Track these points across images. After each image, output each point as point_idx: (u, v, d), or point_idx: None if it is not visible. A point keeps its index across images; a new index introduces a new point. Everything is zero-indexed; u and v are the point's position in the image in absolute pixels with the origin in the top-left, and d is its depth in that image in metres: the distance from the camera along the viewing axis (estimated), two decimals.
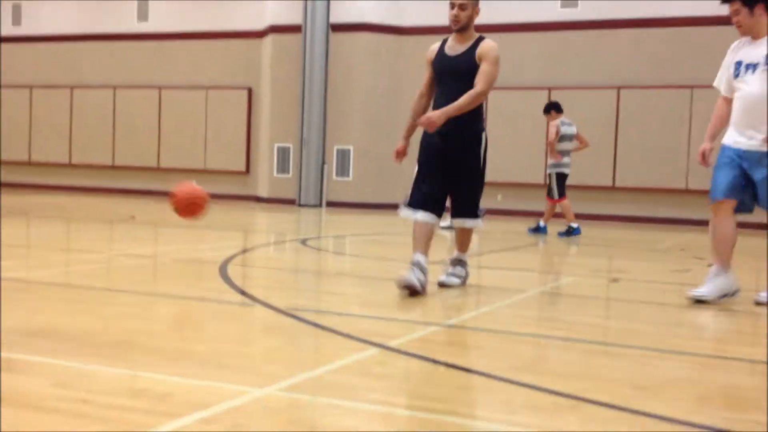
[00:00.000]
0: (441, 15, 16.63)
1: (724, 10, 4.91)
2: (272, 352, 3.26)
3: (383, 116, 16.78)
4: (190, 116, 18.65)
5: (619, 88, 15.45)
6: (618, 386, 2.81)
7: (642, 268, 7.13)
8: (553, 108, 11.15)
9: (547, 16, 16.01)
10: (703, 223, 14.77)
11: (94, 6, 19.77)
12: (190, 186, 5.58)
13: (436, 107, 4.96)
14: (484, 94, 4.91)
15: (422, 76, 5.19)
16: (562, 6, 15.99)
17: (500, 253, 8.31)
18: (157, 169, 19.15)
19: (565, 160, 10.80)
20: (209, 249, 7.62)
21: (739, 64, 4.89)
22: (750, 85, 4.81)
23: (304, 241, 8.40)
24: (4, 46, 20.86)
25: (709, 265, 4.95)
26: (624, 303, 5.14)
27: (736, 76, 4.88)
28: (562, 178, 10.78)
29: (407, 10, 16.89)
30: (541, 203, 16.13)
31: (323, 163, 17.02)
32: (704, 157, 4.85)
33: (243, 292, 4.73)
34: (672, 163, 14.84)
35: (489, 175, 6.52)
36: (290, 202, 17.06)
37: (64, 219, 10.88)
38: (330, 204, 16.87)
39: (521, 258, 8.02)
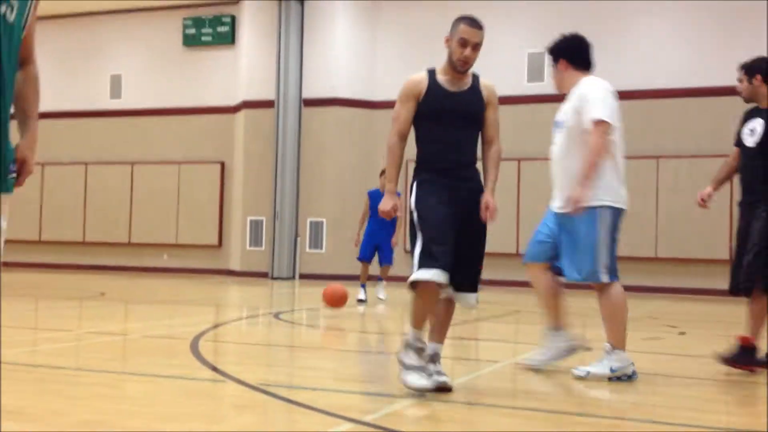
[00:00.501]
0: None
1: (690, 81, 4.97)
2: (245, 429, 3.20)
3: (356, 188, 16.89)
4: (163, 191, 18.64)
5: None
6: None
7: None
8: None
9: (515, 90, 16.38)
10: (673, 290, 14.93)
11: (67, 83, 19.90)
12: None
13: (432, 152, 4.14)
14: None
15: (397, 113, 4.17)
16: (529, 81, 16.39)
17: (472, 323, 8.30)
18: (128, 245, 19.01)
19: None
20: (180, 325, 7.53)
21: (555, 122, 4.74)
22: (554, 145, 4.71)
23: (276, 315, 8.33)
24: None
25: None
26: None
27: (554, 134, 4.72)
28: None
29: (378, 84, 17.19)
30: (516, 272, 16.21)
31: (296, 235, 17.02)
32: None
33: (214, 369, 4.66)
34: (640, 230, 15.03)
35: None
36: (263, 275, 16.96)
37: (33, 297, 10.71)
38: (303, 276, 16.80)
39: (494, 328, 8.00)
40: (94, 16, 19.83)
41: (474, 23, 4.03)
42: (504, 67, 16.51)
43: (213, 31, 18.69)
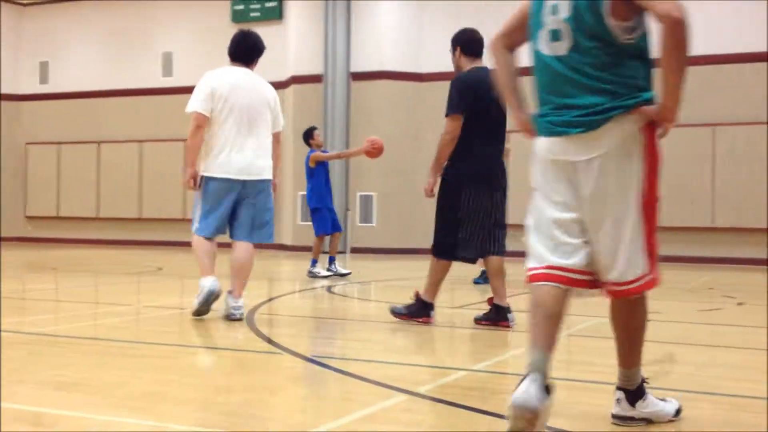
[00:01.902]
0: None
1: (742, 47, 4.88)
2: (300, 400, 3.25)
3: (405, 162, 16.88)
4: None
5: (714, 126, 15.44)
6: (654, 429, 2.77)
7: (673, 308, 7.04)
8: None
9: None
10: (729, 261, 14.62)
11: (119, 62, 20.20)
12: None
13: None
14: None
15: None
16: None
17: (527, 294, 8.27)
18: (183, 220, 19.32)
19: None
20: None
21: None
22: None
23: (329, 288, 8.40)
24: (32, 104, 21.33)
25: None
26: (657, 345, 5.07)
27: None
28: None
29: (425, 56, 17.08)
30: None
31: (347, 209, 17.10)
32: None
33: (270, 341, 4.73)
34: (697, 201, 14.73)
35: (513, 217, 6.51)
36: (310, 249, 17.09)
37: (92, 272, 10.98)
38: (354, 250, 16.89)
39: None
40: None
41: None
42: None
43: (261, 6, 18.74)
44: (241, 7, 18.91)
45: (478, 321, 5.49)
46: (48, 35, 21.20)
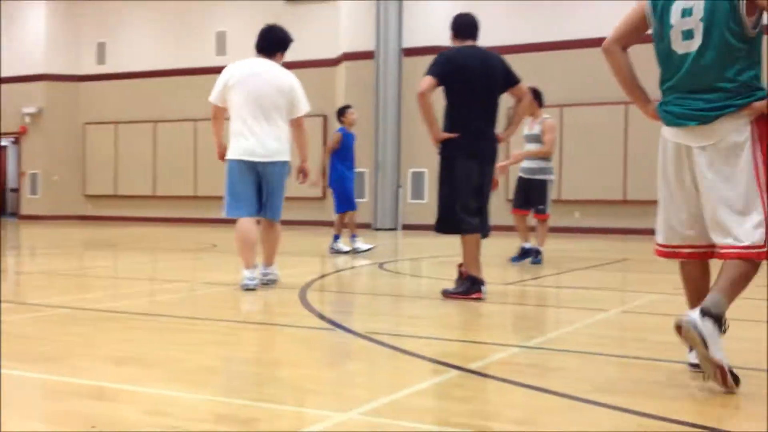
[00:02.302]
0: (512, 33, 16.63)
1: None
2: (353, 376, 3.29)
3: None
4: None
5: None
6: (706, 406, 2.73)
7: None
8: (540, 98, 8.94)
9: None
10: None
11: (174, 42, 20.45)
12: None
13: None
14: None
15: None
16: None
17: (579, 271, 8.19)
18: None
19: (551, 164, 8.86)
20: (288, 275, 7.73)
21: None
22: None
23: (381, 265, 8.44)
24: (90, 84, 21.75)
25: None
26: None
27: None
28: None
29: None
30: (619, 219, 15.84)
31: (398, 186, 17.10)
32: None
33: (322, 317, 4.78)
34: None
35: (566, 193, 6.39)
36: (366, 226, 17.18)
37: (149, 249, 11.21)
38: (406, 227, 16.91)
39: (601, 277, 7.87)
40: None
41: None
42: (608, 7, 15.94)
43: None
44: None
45: (448, 294, 5.59)
46: (105, 17, 21.56)
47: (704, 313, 2.95)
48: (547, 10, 16.42)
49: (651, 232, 13.22)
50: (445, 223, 5.66)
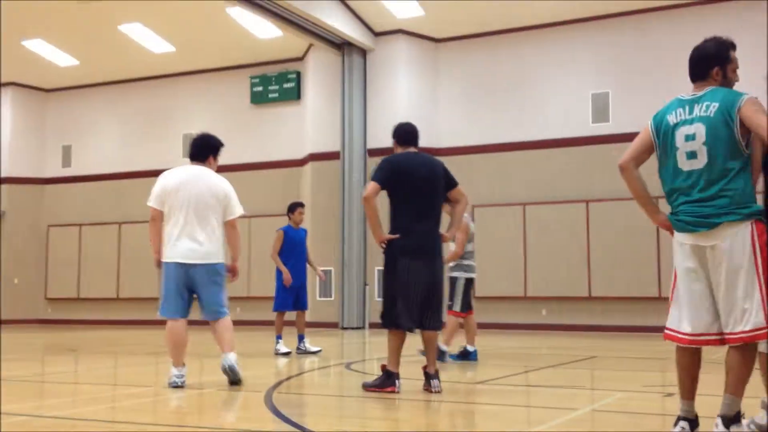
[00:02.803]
0: (475, 136, 17.01)
1: None
2: None
3: None
4: None
5: (657, 198, 15.44)
6: None
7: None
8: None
9: (581, 132, 16.27)
10: None
11: (140, 144, 20.61)
12: None
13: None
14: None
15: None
16: (593, 121, 16.25)
17: (548, 369, 8.15)
18: None
19: (472, 262, 8.87)
20: (254, 377, 7.60)
21: None
22: None
23: (348, 365, 8.33)
24: (54, 186, 21.70)
25: None
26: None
27: None
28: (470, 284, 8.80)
29: (441, 132, 17.30)
30: (585, 316, 15.90)
31: (365, 284, 17.07)
32: None
33: (288, 421, 4.68)
34: None
35: (532, 290, 6.42)
36: (333, 325, 17.03)
37: (112, 353, 10.97)
38: (373, 325, 16.80)
39: (570, 374, 7.84)
40: (165, 78, 20.56)
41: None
42: (569, 109, 16.47)
43: (279, 87, 19.16)
44: (260, 89, 19.34)
45: (366, 388, 5.96)
46: (71, 120, 21.73)
47: (727, 421, 3.58)
48: (512, 112, 16.90)
49: (616, 328, 13.30)
50: (386, 319, 6.00)
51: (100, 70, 20.52)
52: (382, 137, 17.15)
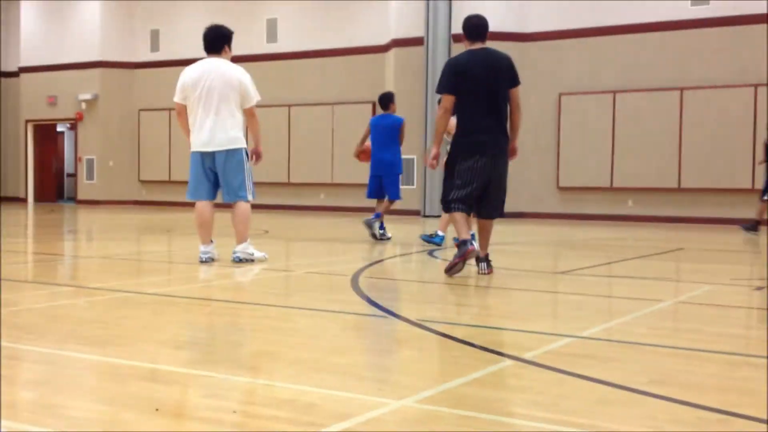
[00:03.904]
0: (565, 19, 16.42)
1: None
2: (408, 364, 3.31)
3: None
4: (319, 132, 19.15)
5: (756, 86, 14.73)
6: (765, 399, 2.69)
7: None
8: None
9: (678, 15, 15.49)
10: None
11: None
12: None
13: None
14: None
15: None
16: (692, 4, 15.42)
17: (633, 261, 8.09)
18: (288, 184, 19.74)
19: None
20: (340, 262, 7.80)
21: None
22: None
23: (431, 253, 8.45)
24: (144, 71, 22.10)
25: None
26: (766, 312, 4.90)
27: None
28: None
29: (530, 16, 16.73)
30: (673, 208, 15.58)
31: None
32: None
33: (375, 304, 4.82)
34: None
35: (618, 181, 6.32)
36: (415, 213, 17.18)
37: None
38: None
39: (655, 266, 7.76)
40: None
41: None
42: None
43: None
44: None
45: (449, 269, 6.12)
46: (158, 5, 21.85)
47: None
48: None
49: (706, 220, 13.12)
50: (444, 205, 6.38)
51: None
52: None
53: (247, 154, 6.95)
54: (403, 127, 10.02)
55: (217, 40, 6.99)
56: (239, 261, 6.91)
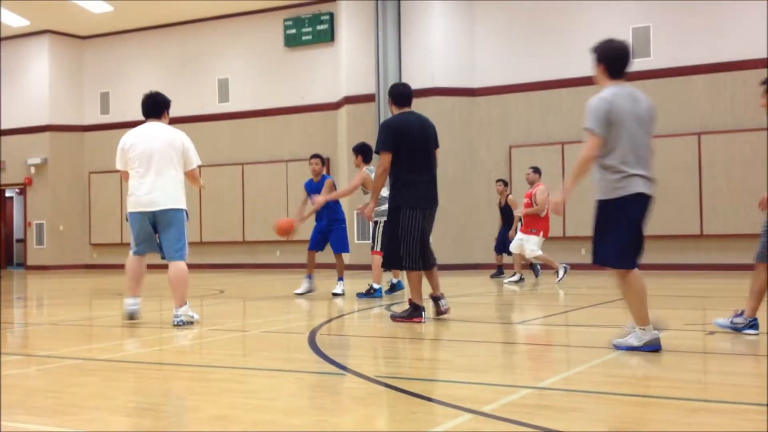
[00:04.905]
0: (512, 74, 16.79)
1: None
2: (366, 421, 3.27)
3: (459, 176, 16.87)
4: (272, 189, 19.13)
5: (699, 134, 15.16)
6: None
7: None
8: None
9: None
10: None
11: (176, 90, 20.63)
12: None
13: None
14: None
15: None
16: (634, 57, 15.91)
17: (587, 309, 8.17)
18: (243, 242, 19.61)
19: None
20: (297, 319, 7.73)
21: None
22: None
23: (389, 307, 8.42)
24: (94, 134, 21.94)
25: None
26: (722, 356, 4.97)
27: None
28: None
29: (477, 71, 17.07)
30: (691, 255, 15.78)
31: None
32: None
33: (332, 362, 4.77)
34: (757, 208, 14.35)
35: (570, 229, 6.42)
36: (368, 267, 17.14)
37: (156, 297, 11.19)
38: None
39: (609, 313, 7.84)
40: (199, 22, 20.49)
41: None
42: None
43: (313, 29, 19.00)
44: (293, 31, 19.20)
45: (395, 318, 6.81)
46: (108, 67, 21.82)
47: None
48: (549, 48, 16.58)
49: (660, 266, 13.07)
50: (390, 260, 6.86)
51: (135, 15, 20.50)
52: (418, 78, 16.99)
53: (186, 215, 6.98)
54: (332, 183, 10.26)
55: (156, 106, 7.16)
56: (182, 324, 6.79)
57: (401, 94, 7.02)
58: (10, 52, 22.02)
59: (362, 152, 9.84)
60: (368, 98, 17.38)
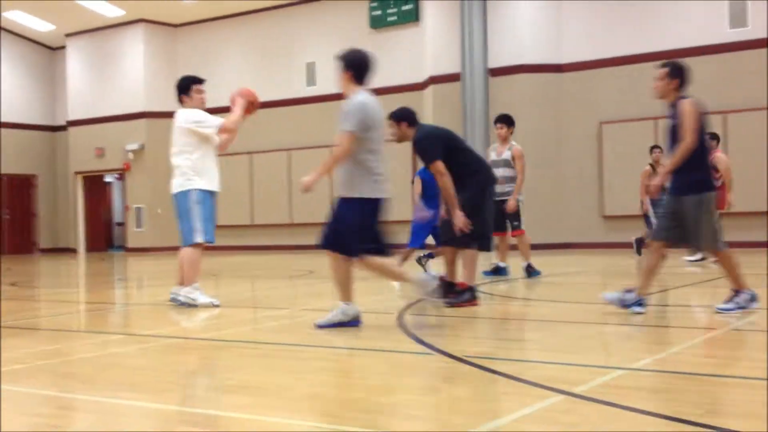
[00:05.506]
0: (600, 49, 16.38)
1: None
2: (456, 401, 3.30)
3: (547, 155, 16.61)
4: None
5: None
6: None
7: None
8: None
9: (717, 38, 15.35)
10: None
11: (266, 75, 21.03)
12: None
13: None
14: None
15: None
16: (731, 27, 15.28)
17: (686, 288, 7.95)
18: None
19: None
20: (386, 300, 7.80)
21: None
22: None
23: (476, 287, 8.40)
24: None
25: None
26: None
27: None
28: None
29: (564, 47, 16.73)
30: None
31: None
32: None
33: (421, 342, 4.80)
34: None
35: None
36: None
37: (249, 277, 11.49)
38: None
39: (709, 293, 7.62)
40: (286, 8, 20.75)
41: None
42: (703, 15, 15.53)
43: (398, 10, 18.98)
44: (378, 12, 19.23)
45: (449, 304, 6.45)
46: (200, 54, 22.36)
47: None
48: (639, 22, 16.10)
49: (751, 244, 12.68)
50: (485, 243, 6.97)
51: (224, 3, 20.92)
52: (504, 56, 16.78)
53: (197, 196, 7.06)
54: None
55: (177, 92, 7.52)
56: (180, 304, 6.98)
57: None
58: (107, 41, 22.83)
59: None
60: (453, 77, 17.27)
